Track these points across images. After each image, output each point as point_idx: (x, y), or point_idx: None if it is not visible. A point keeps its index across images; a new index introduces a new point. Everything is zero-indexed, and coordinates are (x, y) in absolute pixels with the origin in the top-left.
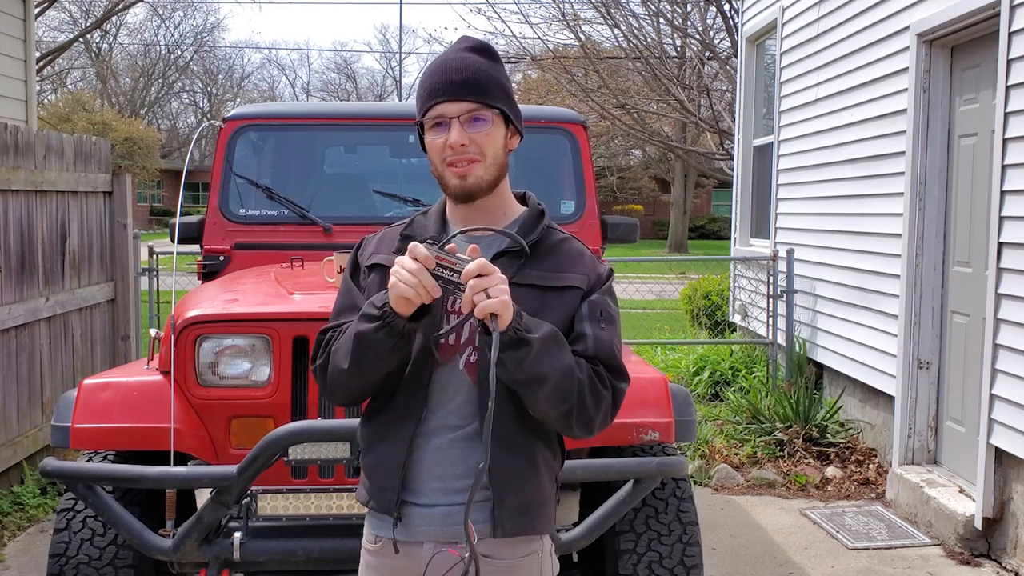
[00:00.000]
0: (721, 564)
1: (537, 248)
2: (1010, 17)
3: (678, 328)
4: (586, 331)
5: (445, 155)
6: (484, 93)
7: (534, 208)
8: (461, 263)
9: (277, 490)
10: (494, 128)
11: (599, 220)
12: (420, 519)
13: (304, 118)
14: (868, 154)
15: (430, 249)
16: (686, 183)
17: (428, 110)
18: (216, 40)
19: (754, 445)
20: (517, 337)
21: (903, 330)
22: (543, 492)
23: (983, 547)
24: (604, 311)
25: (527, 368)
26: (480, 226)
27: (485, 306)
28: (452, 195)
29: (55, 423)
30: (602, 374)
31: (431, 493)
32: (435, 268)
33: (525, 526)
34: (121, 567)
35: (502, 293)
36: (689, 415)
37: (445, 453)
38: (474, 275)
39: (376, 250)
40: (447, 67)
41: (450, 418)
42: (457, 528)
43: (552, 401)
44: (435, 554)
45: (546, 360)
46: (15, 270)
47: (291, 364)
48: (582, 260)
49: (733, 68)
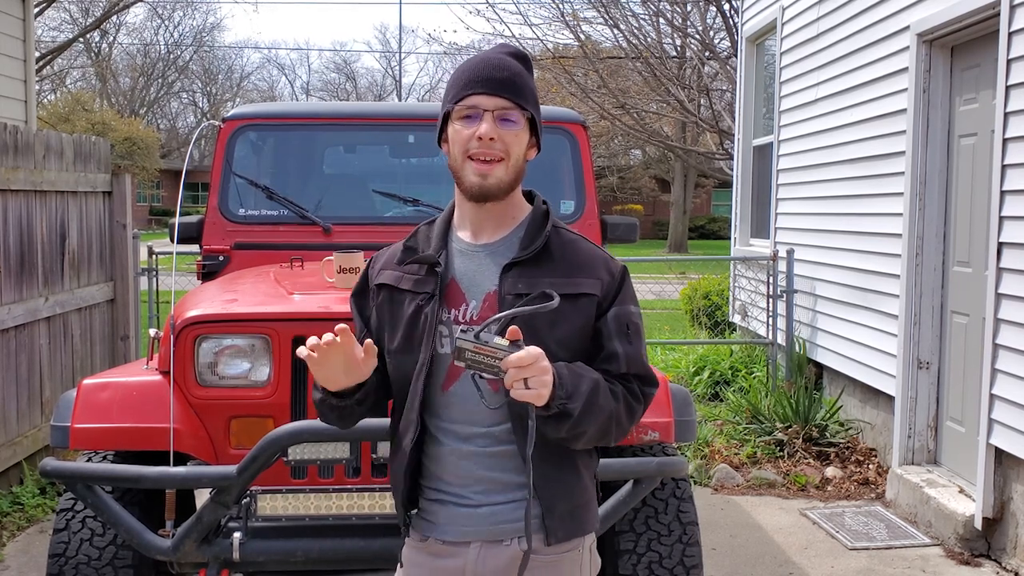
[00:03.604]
0: (721, 564)
1: (547, 251)
2: (1010, 17)
3: (678, 328)
4: (617, 349)
5: (470, 146)
6: (520, 95)
7: (539, 209)
8: (502, 351)
9: (277, 490)
10: (522, 132)
11: (599, 220)
12: (466, 519)
13: (304, 118)
14: (868, 154)
15: (465, 339)
16: (686, 183)
17: (462, 99)
18: (216, 40)
19: (754, 445)
20: (559, 411)
21: (903, 330)
22: (587, 493)
23: (983, 547)
24: (630, 323)
25: (568, 431)
26: (510, 311)
27: (523, 396)
28: (468, 192)
29: (54, 423)
30: (635, 390)
31: (474, 496)
32: (474, 357)
33: (575, 529)
34: (121, 567)
35: (542, 385)
36: (689, 415)
37: (480, 458)
38: (514, 365)
39: (384, 266)
40: (488, 64)
41: (477, 426)
42: (501, 526)
43: (591, 441)
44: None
45: (587, 419)
46: (14, 270)
47: (291, 364)
48: (594, 262)
49: (733, 68)
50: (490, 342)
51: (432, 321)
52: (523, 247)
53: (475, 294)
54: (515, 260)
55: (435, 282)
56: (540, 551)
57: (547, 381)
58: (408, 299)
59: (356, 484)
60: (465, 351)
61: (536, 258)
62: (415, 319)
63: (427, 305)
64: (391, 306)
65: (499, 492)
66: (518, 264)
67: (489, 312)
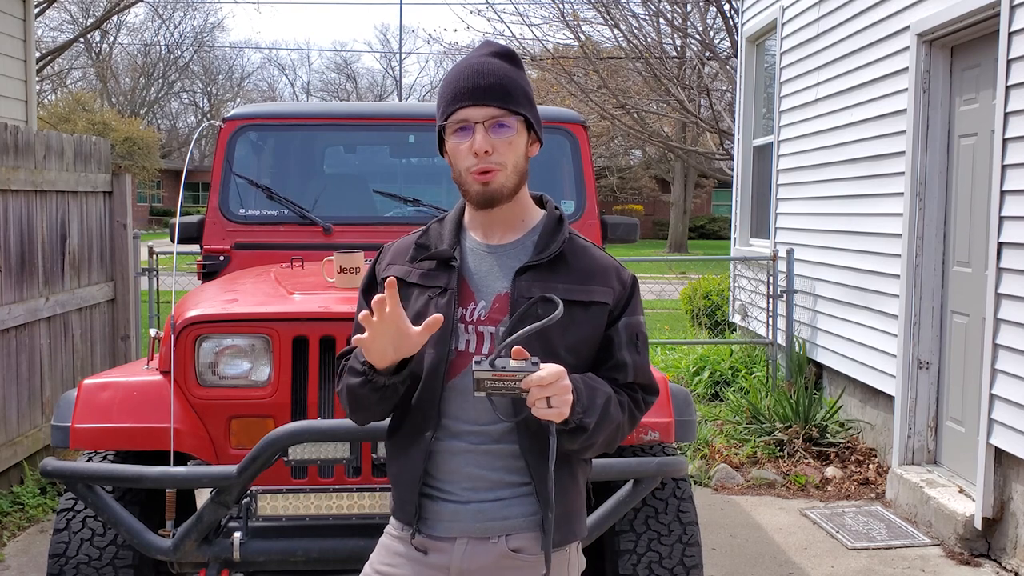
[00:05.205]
0: (721, 564)
1: (561, 257)
2: (1010, 17)
3: (678, 328)
4: (626, 360)
5: (467, 162)
6: (509, 99)
7: (552, 215)
8: (521, 372)
9: (277, 490)
10: (517, 136)
11: (599, 220)
12: (453, 515)
13: (304, 118)
14: (868, 154)
15: (481, 369)
16: (686, 183)
17: (452, 114)
18: (216, 40)
19: (754, 445)
20: (577, 426)
21: (903, 330)
22: (581, 499)
23: (983, 547)
24: (639, 333)
25: (581, 443)
26: (519, 333)
27: (545, 415)
28: (473, 200)
29: (55, 423)
30: (638, 399)
31: (462, 492)
32: (494, 384)
33: (569, 533)
34: (121, 567)
35: (564, 404)
36: (689, 415)
37: (472, 456)
38: (536, 384)
39: (392, 260)
40: (472, 71)
41: (472, 424)
42: (489, 524)
43: (596, 451)
44: (467, 548)
45: (599, 431)
46: (15, 270)
47: (291, 364)
48: (606, 271)
49: (733, 68)
50: (507, 367)
51: (451, 317)
52: (538, 251)
53: (484, 294)
54: (529, 264)
55: (448, 277)
56: (531, 550)
57: (568, 400)
58: (416, 293)
59: (356, 484)
60: (484, 381)
61: (550, 263)
62: (424, 313)
63: (439, 299)
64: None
65: (487, 489)
66: (532, 268)
67: (497, 314)
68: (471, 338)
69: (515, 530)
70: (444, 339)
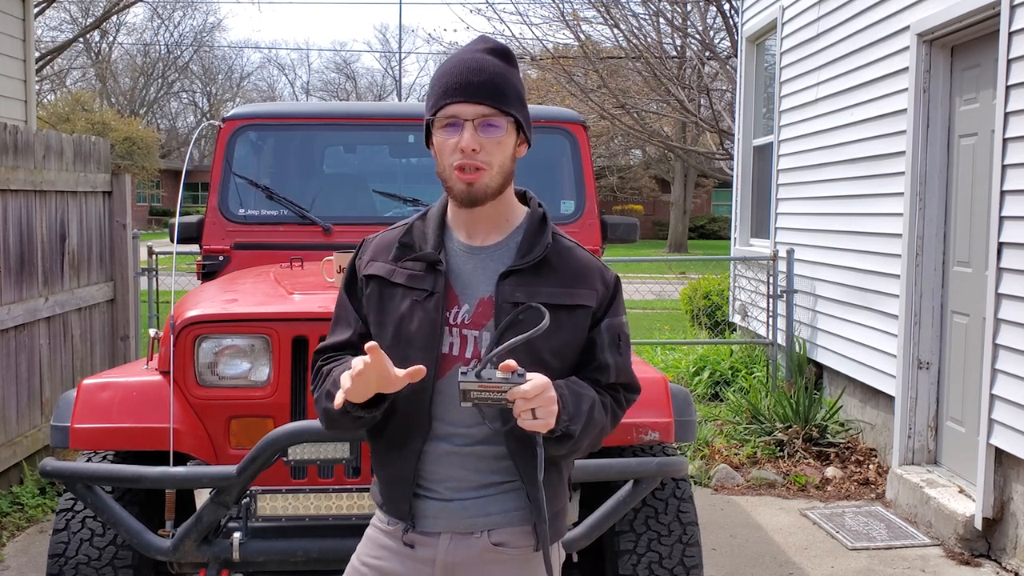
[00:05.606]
0: (721, 564)
1: (545, 260)
2: (1010, 17)
3: (678, 328)
4: (608, 361)
5: (453, 158)
6: (501, 98)
7: (535, 213)
8: (507, 384)
9: (276, 490)
10: (506, 136)
11: (599, 220)
12: (438, 511)
13: (304, 118)
14: (868, 154)
15: (467, 379)
16: (686, 183)
17: (441, 108)
18: (216, 40)
19: (754, 445)
20: (563, 433)
21: (903, 330)
22: (565, 497)
23: (983, 547)
24: (622, 334)
25: (568, 449)
26: (505, 345)
27: (531, 426)
28: (457, 199)
29: (54, 423)
30: (620, 399)
31: (446, 491)
32: (480, 395)
33: (556, 533)
34: (120, 567)
35: (550, 415)
36: (689, 415)
37: (456, 457)
38: (520, 396)
39: (374, 256)
40: (465, 67)
41: (458, 426)
42: (472, 520)
43: (581, 453)
44: (451, 544)
45: (585, 436)
46: (14, 270)
47: (291, 364)
48: (589, 273)
49: (733, 68)
50: (493, 378)
51: (439, 321)
52: (521, 255)
53: (468, 298)
54: (513, 268)
55: (434, 281)
56: (513, 544)
57: (554, 411)
58: (400, 294)
59: (356, 484)
60: (470, 392)
61: (534, 267)
62: (409, 316)
63: (426, 303)
64: (380, 300)
65: (470, 489)
66: (516, 272)
67: (481, 318)
68: (455, 341)
69: (498, 525)
70: (432, 344)
